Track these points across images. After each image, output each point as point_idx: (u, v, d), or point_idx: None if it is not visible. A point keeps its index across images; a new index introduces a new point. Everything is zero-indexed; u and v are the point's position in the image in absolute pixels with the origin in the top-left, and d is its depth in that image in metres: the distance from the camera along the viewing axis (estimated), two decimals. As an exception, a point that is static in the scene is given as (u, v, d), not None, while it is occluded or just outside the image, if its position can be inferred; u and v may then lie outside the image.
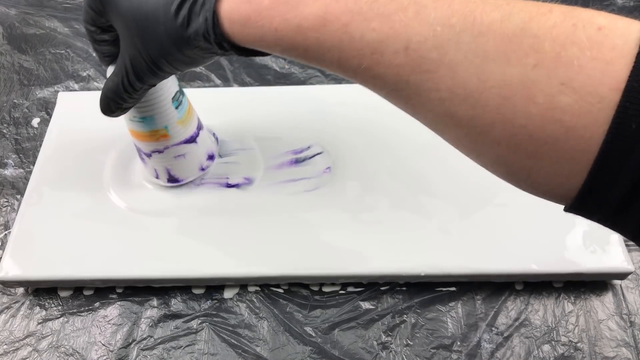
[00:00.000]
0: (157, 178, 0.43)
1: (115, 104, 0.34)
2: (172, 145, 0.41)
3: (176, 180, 0.43)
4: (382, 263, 0.40)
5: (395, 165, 0.45)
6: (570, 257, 0.40)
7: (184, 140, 0.41)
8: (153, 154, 0.41)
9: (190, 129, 0.41)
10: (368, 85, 0.25)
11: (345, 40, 0.24)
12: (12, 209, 0.47)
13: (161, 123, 0.39)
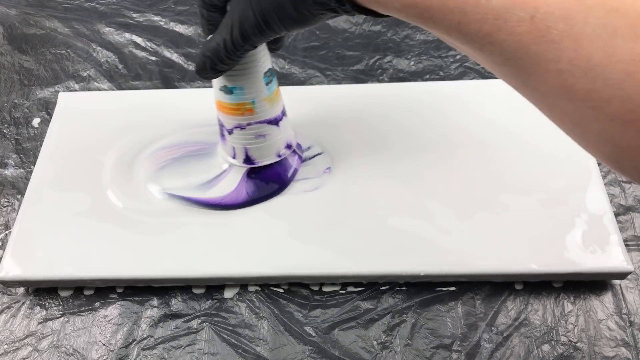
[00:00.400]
0: (234, 158, 0.43)
1: (212, 64, 0.35)
2: (255, 122, 0.40)
3: (252, 161, 0.43)
4: (382, 263, 0.40)
5: (395, 165, 0.45)
6: (570, 257, 0.40)
7: (267, 120, 0.41)
8: (235, 130, 0.41)
9: (275, 111, 0.41)
10: (483, 51, 0.25)
11: (469, 3, 0.24)
12: (13, 209, 0.47)
13: (249, 96, 0.39)
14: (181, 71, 0.56)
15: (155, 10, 0.61)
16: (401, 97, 0.49)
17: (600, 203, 0.42)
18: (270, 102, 0.40)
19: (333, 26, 0.59)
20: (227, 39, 0.33)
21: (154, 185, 0.45)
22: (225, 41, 0.33)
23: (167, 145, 0.48)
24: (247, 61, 0.37)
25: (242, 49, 0.33)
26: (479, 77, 0.54)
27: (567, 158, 0.45)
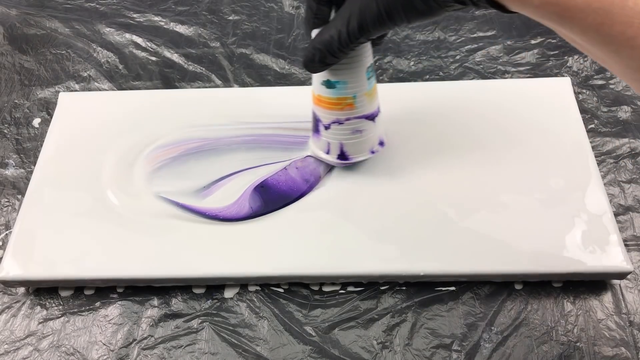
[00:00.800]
0: (327, 153, 0.43)
1: (322, 57, 0.35)
2: (354, 117, 0.40)
3: (346, 157, 0.43)
4: (382, 263, 0.40)
5: (395, 165, 0.45)
6: (570, 256, 0.40)
7: (365, 115, 0.41)
8: (332, 125, 0.41)
9: (373, 106, 0.41)
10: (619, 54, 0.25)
11: (616, 4, 0.23)
12: (13, 209, 0.47)
13: (351, 91, 0.39)
14: (181, 71, 0.56)
15: (156, 10, 0.61)
16: (401, 97, 0.49)
17: (600, 203, 0.42)
18: (370, 97, 0.40)
19: (333, 26, 0.59)
20: (342, 31, 0.33)
21: (149, 188, 0.45)
22: (340, 33, 0.33)
23: (165, 144, 0.48)
24: (353, 55, 0.37)
25: (356, 42, 0.33)
26: (479, 77, 0.54)
27: (567, 158, 0.45)
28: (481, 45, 0.56)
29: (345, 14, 0.33)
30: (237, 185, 0.45)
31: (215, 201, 0.44)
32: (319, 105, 0.41)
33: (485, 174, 0.44)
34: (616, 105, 0.51)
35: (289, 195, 0.44)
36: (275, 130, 0.48)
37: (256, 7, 0.61)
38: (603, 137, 0.49)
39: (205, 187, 0.45)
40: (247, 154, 0.46)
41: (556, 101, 0.48)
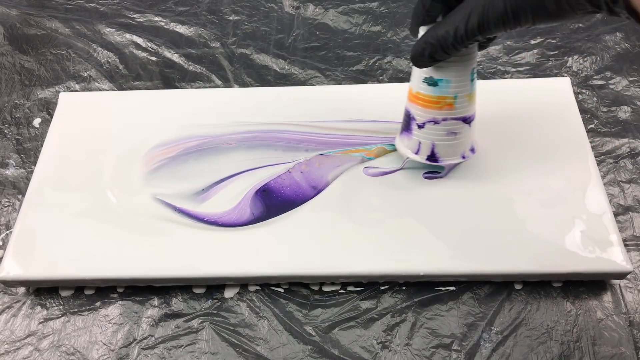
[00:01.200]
0: (417, 153, 0.42)
1: (432, 51, 0.35)
2: (452, 118, 0.39)
3: (436, 159, 0.42)
4: (382, 263, 0.40)
5: (395, 165, 0.45)
6: (570, 256, 0.40)
7: (463, 118, 0.40)
8: (427, 124, 0.40)
9: (471, 109, 0.40)
10: None
11: None
12: (14, 209, 0.47)
13: (454, 90, 0.38)
14: (182, 71, 0.56)
15: (156, 10, 0.61)
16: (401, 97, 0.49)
17: (600, 203, 0.42)
18: (470, 99, 0.40)
19: (333, 26, 0.59)
20: (459, 27, 0.32)
21: (147, 189, 0.44)
22: (457, 29, 0.33)
23: (164, 143, 0.47)
24: (462, 54, 0.37)
25: (473, 40, 0.33)
26: (479, 78, 0.54)
27: (567, 158, 0.45)
28: (481, 45, 0.56)
29: (465, 9, 0.32)
30: (237, 188, 0.44)
31: (214, 205, 0.43)
32: (415, 103, 0.40)
33: (484, 174, 0.44)
34: (616, 106, 0.51)
35: (294, 201, 0.43)
36: (277, 126, 0.48)
37: (256, 7, 0.61)
38: (603, 137, 0.49)
39: (204, 190, 0.44)
40: (247, 153, 0.46)
41: (556, 101, 0.48)
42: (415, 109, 0.40)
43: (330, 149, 0.46)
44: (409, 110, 0.41)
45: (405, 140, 0.43)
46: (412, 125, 0.41)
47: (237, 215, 0.43)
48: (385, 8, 0.60)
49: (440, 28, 0.34)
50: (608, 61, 0.54)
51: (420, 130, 0.41)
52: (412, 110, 0.41)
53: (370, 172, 0.45)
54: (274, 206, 0.43)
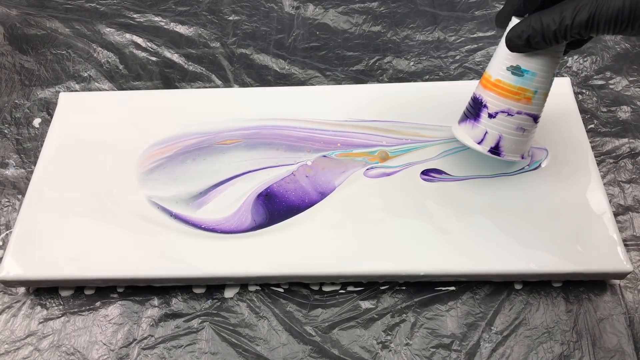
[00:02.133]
0: (480, 143, 0.40)
1: (532, 36, 0.34)
2: (525, 113, 0.39)
3: (499, 152, 0.41)
4: (382, 263, 0.40)
5: (394, 165, 0.45)
6: (569, 256, 0.40)
7: (534, 115, 0.39)
8: (499, 114, 0.39)
9: (542, 109, 0.40)
10: None
11: None
12: (14, 209, 0.47)
13: (536, 85, 0.38)
14: (182, 71, 0.56)
15: (156, 10, 0.61)
16: (401, 97, 0.49)
17: (600, 203, 0.42)
18: (545, 98, 0.39)
19: (333, 27, 0.59)
20: (566, 17, 0.32)
21: (142, 191, 0.44)
22: (563, 19, 0.32)
23: (160, 141, 0.47)
24: (555, 49, 0.36)
25: (575, 34, 0.33)
26: (479, 78, 0.54)
27: (567, 158, 0.45)
28: (481, 45, 0.56)
29: (577, 1, 0.32)
30: (237, 192, 0.44)
31: (213, 210, 0.42)
32: (491, 90, 0.39)
33: (484, 174, 0.44)
34: (616, 106, 0.51)
35: (298, 207, 0.42)
36: (278, 122, 0.47)
37: (256, 7, 0.61)
38: (603, 137, 0.49)
39: (202, 193, 0.44)
40: (247, 153, 0.46)
41: (556, 101, 0.48)
42: (490, 96, 0.39)
43: (332, 149, 0.46)
44: (481, 98, 0.40)
45: (468, 128, 0.41)
46: (482, 113, 0.40)
47: (238, 223, 0.42)
48: (385, 8, 0.60)
49: (547, 15, 0.33)
50: (608, 61, 0.54)
51: (491, 119, 0.40)
52: (485, 98, 0.40)
53: (370, 173, 0.44)
54: (277, 212, 0.42)
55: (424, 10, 0.60)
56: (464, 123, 0.42)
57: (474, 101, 0.41)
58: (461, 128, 0.42)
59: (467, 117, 0.41)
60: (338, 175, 0.44)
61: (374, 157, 0.45)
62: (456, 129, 0.42)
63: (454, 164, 0.45)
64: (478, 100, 0.40)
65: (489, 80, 0.39)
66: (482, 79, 0.40)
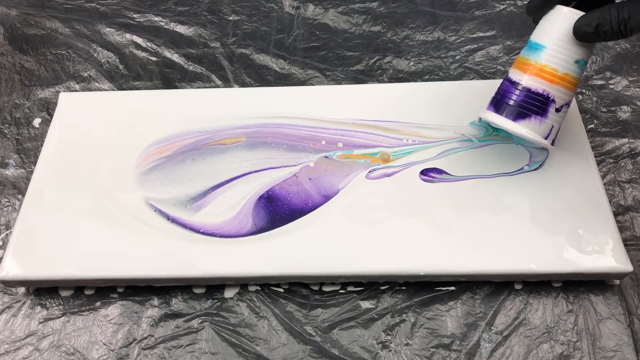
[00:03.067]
0: (546, 137, 0.40)
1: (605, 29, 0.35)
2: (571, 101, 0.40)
3: (553, 143, 0.41)
4: (382, 263, 0.40)
5: (394, 165, 0.45)
6: (570, 256, 0.40)
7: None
8: (564, 107, 0.39)
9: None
10: None
11: None
12: (14, 209, 0.47)
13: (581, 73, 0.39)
14: (181, 71, 0.56)
15: (156, 10, 0.61)
16: (401, 97, 0.49)
17: (600, 203, 0.42)
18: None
19: (333, 27, 0.59)
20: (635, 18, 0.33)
21: (140, 192, 0.44)
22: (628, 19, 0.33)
23: (160, 140, 0.46)
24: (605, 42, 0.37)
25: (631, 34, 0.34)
26: (479, 77, 0.54)
27: (567, 158, 0.45)
28: (481, 45, 0.56)
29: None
30: (237, 194, 0.43)
31: (212, 213, 0.42)
32: (559, 85, 0.39)
33: (484, 174, 0.44)
34: (616, 106, 0.51)
35: (301, 210, 0.41)
36: (279, 119, 0.47)
37: (256, 7, 0.61)
38: (603, 137, 0.49)
39: (201, 195, 0.43)
40: (248, 153, 0.46)
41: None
42: (558, 91, 0.39)
43: (333, 149, 0.46)
44: (547, 93, 0.39)
45: (535, 125, 0.39)
46: (550, 109, 0.39)
47: (238, 227, 0.41)
48: (385, 8, 0.60)
49: (624, 9, 0.34)
50: (608, 61, 0.54)
51: (558, 113, 0.40)
52: (553, 93, 0.39)
53: (372, 175, 0.44)
54: (279, 215, 0.41)
55: (424, 10, 0.60)
56: (526, 120, 0.39)
57: (536, 98, 0.39)
58: (526, 125, 0.40)
59: (531, 114, 0.39)
60: (342, 178, 0.44)
61: (375, 159, 0.45)
62: (519, 128, 0.40)
63: (454, 164, 0.45)
64: (544, 95, 0.39)
65: (554, 74, 0.38)
66: (541, 74, 0.39)
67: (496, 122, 0.40)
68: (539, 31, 0.39)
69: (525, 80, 0.39)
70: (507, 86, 0.40)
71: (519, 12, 0.59)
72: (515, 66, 0.40)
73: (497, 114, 0.40)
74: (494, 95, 0.42)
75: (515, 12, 0.59)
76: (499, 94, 0.41)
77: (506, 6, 0.59)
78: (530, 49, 0.39)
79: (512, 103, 0.40)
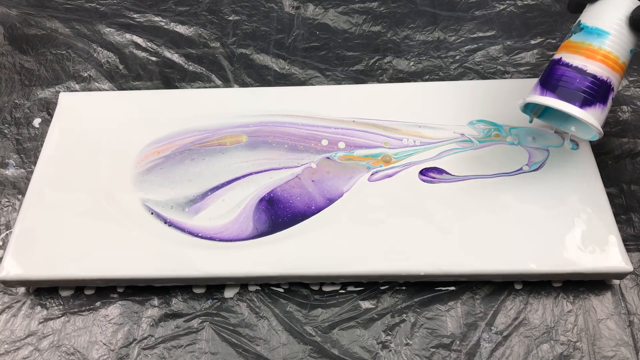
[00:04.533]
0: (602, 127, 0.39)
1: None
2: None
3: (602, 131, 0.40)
4: (382, 263, 0.40)
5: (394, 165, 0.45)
6: (569, 256, 0.40)
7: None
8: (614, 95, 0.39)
9: None
10: None
11: None
12: (14, 209, 0.47)
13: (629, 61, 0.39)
14: (181, 71, 0.56)
15: (156, 10, 0.61)
16: (401, 97, 0.49)
17: (600, 203, 0.42)
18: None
19: (333, 27, 0.59)
20: None
21: (137, 194, 0.43)
22: None
23: (158, 140, 0.46)
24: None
25: None
26: (479, 78, 0.54)
27: (567, 158, 0.45)
28: (481, 45, 0.56)
29: None
30: (237, 196, 0.43)
31: (211, 216, 0.42)
32: (618, 73, 0.38)
33: (484, 174, 0.44)
34: (616, 105, 0.51)
35: (304, 214, 0.40)
36: (280, 118, 0.47)
37: (256, 7, 0.61)
38: (603, 137, 0.49)
39: (199, 197, 0.43)
40: (249, 153, 0.46)
41: (556, 101, 0.48)
42: (616, 79, 0.38)
43: (335, 150, 0.45)
44: (609, 81, 0.38)
45: (598, 112, 0.38)
46: (610, 96, 0.39)
47: (238, 231, 0.40)
48: (385, 8, 0.60)
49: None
50: (608, 61, 0.54)
51: (612, 100, 0.39)
52: (614, 81, 0.38)
53: (374, 177, 0.44)
54: (281, 219, 0.40)
55: (424, 10, 0.60)
56: (591, 108, 0.38)
57: (599, 86, 0.38)
58: (592, 113, 0.38)
59: (593, 101, 0.38)
60: (346, 181, 0.43)
61: (377, 160, 0.45)
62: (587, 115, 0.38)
63: (454, 164, 0.45)
64: (606, 84, 0.38)
65: (617, 62, 0.38)
66: (606, 60, 0.38)
67: (562, 108, 0.38)
68: (595, 16, 0.38)
69: (590, 66, 0.38)
70: (567, 71, 0.38)
71: (519, 12, 0.59)
72: (572, 51, 0.39)
73: (560, 99, 0.38)
74: (543, 80, 0.40)
75: (515, 12, 0.59)
76: (558, 79, 0.39)
77: (506, 6, 0.59)
78: (591, 34, 0.38)
79: (578, 89, 0.38)
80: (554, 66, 0.39)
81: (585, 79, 0.38)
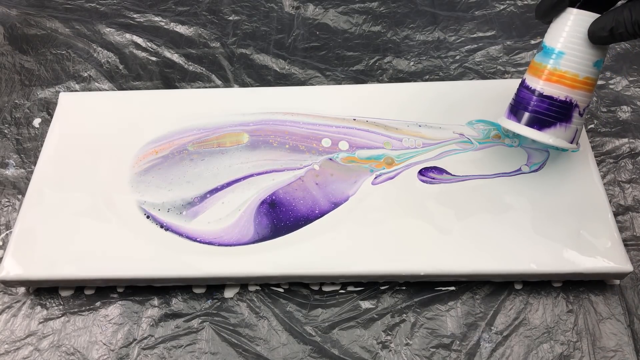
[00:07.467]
0: (572, 142, 0.40)
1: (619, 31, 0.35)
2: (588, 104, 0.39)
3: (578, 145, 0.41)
4: (382, 263, 0.40)
5: (394, 165, 0.45)
6: (569, 256, 0.40)
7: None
8: (585, 110, 0.39)
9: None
10: None
11: None
12: (14, 209, 0.47)
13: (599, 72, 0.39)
14: (181, 71, 0.56)
15: (156, 10, 0.61)
16: (401, 97, 0.49)
17: (600, 203, 0.42)
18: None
19: (333, 26, 0.59)
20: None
21: (134, 195, 0.43)
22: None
23: (157, 139, 0.46)
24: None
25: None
26: (479, 77, 0.54)
27: (567, 158, 0.45)
28: (481, 45, 0.56)
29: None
30: (237, 198, 0.42)
31: (210, 220, 0.41)
32: (581, 90, 0.38)
33: (484, 174, 0.44)
34: (616, 105, 0.51)
35: (307, 218, 0.39)
36: (281, 116, 0.47)
37: (256, 7, 0.61)
38: (603, 137, 0.49)
39: (198, 199, 0.42)
40: (249, 153, 0.45)
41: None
42: (581, 95, 0.38)
43: (337, 150, 0.45)
44: (570, 99, 0.38)
45: (561, 132, 0.39)
46: (574, 114, 0.39)
47: (238, 235, 0.39)
48: (385, 8, 0.60)
49: (637, 10, 0.33)
50: (608, 61, 0.54)
51: (581, 117, 0.39)
52: (577, 98, 0.38)
53: (377, 181, 0.44)
54: (284, 223, 0.39)
55: (424, 10, 0.60)
56: (552, 128, 0.39)
57: (561, 104, 0.38)
58: (552, 133, 0.39)
59: (553, 122, 0.39)
60: (351, 185, 0.43)
61: (380, 162, 0.45)
62: (546, 137, 0.39)
63: (454, 164, 0.45)
64: (568, 102, 0.38)
65: (576, 79, 0.38)
66: (562, 80, 0.38)
67: (521, 132, 0.39)
68: (552, 35, 0.38)
69: (546, 88, 0.38)
70: (527, 94, 0.39)
71: (519, 12, 0.59)
72: (533, 73, 0.39)
73: (520, 123, 0.39)
74: (512, 102, 0.41)
75: (515, 12, 0.59)
76: (520, 103, 0.40)
77: (506, 6, 0.59)
78: (547, 55, 0.38)
79: (536, 112, 0.39)
80: (519, 88, 0.41)
81: (542, 102, 0.39)
